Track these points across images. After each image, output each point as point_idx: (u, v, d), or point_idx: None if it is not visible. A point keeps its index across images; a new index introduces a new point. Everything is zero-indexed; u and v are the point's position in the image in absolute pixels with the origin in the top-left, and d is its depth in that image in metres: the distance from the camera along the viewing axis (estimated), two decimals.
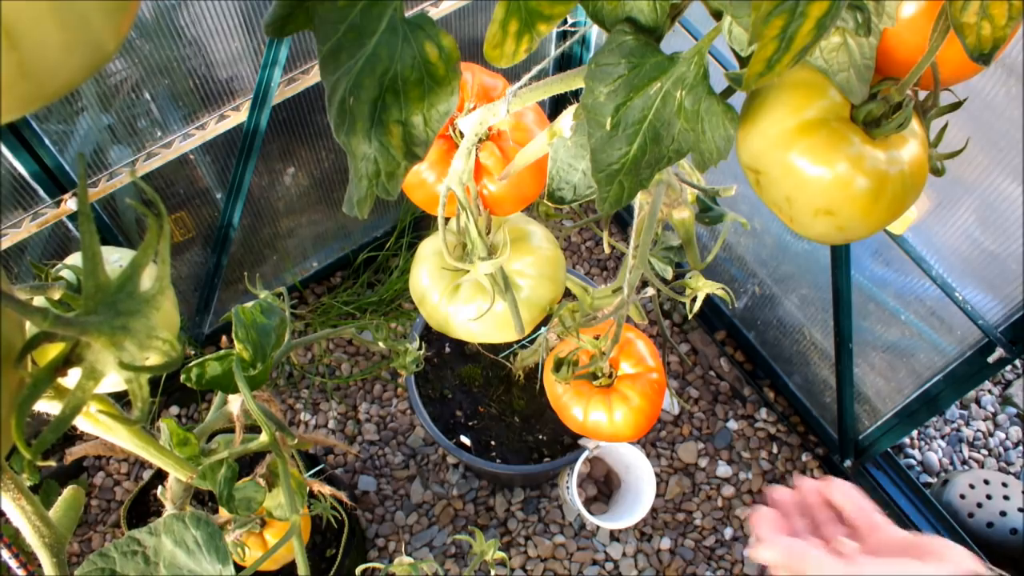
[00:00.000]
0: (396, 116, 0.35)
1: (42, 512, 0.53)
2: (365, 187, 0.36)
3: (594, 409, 0.71)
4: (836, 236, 0.51)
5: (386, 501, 1.67)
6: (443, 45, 0.34)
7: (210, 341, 1.75)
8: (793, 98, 0.48)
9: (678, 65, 0.43)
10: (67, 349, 0.25)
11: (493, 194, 0.64)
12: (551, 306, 0.75)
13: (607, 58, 0.42)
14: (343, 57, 0.33)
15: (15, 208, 1.21)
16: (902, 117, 0.48)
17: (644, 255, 0.67)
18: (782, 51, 0.36)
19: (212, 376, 0.66)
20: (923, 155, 0.50)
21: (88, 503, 1.63)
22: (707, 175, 0.80)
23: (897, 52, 0.47)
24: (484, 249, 0.65)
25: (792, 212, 0.50)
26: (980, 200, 1.19)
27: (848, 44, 0.47)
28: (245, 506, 0.72)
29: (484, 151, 0.63)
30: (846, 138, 0.47)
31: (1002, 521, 1.57)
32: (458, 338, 0.75)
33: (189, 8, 1.16)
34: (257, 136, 1.34)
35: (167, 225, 0.27)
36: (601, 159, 0.44)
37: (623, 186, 0.44)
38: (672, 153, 0.45)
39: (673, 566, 1.62)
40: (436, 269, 0.71)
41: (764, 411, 1.79)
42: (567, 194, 0.55)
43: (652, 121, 0.43)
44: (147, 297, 0.26)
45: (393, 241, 1.87)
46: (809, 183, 0.48)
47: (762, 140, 0.49)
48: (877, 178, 0.47)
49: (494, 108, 0.57)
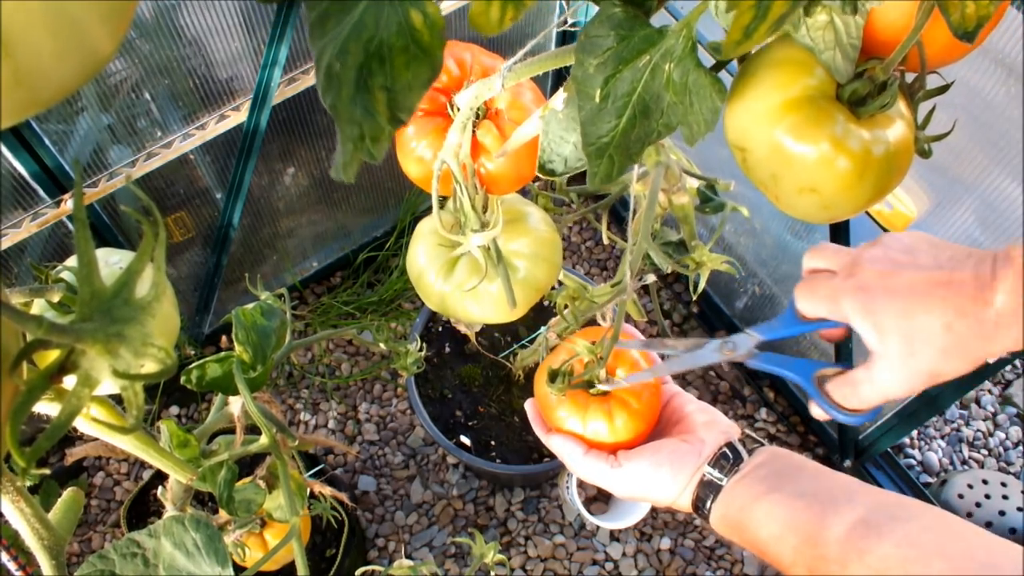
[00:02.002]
0: (381, 82, 0.35)
1: (41, 514, 0.53)
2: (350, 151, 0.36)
3: (593, 418, 0.69)
4: (821, 214, 0.51)
5: (386, 501, 1.67)
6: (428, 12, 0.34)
7: (210, 341, 1.75)
8: (779, 76, 0.48)
9: (667, 38, 0.43)
10: (62, 356, 0.25)
11: (490, 172, 0.65)
12: (547, 288, 0.75)
13: (597, 30, 0.42)
14: (330, 24, 0.34)
15: (15, 208, 1.21)
16: (887, 97, 0.48)
17: (646, 233, 0.67)
18: (759, 19, 0.36)
19: (212, 378, 0.66)
20: (909, 136, 0.50)
21: (88, 503, 1.64)
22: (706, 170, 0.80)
23: (883, 32, 0.47)
24: (477, 222, 0.66)
25: (777, 190, 0.50)
26: (980, 200, 1.19)
27: (835, 23, 0.47)
28: (245, 508, 0.72)
29: (481, 129, 0.63)
30: (831, 116, 0.48)
31: (1001, 521, 1.57)
32: (455, 317, 0.75)
33: (189, 8, 1.16)
34: (257, 136, 1.34)
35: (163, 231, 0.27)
36: (591, 132, 0.44)
37: (613, 160, 0.45)
38: (662, 127, 0.45)
39: (673, 566, 1.62)
40: (433, 247, 0.72)
41: (764, 411, 1.79)
42: (558, 166, 0.55)
43: (641, 94, 0.44)
44: (143, 304, 0.26)
45: (393, 241, 1.87)
46: (793, 160, 0.48)
47: (748, 117, 0.49)
48: (861, 156, 0.48)
49: (490, 82, 0.58)
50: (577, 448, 0.68)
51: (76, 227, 0.26)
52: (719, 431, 0.66)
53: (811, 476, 0.60)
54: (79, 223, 0.26)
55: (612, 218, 1.82)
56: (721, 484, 0.63)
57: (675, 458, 0.65)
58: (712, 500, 0.63)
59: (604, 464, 0.67)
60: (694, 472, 0.64)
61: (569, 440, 0.69)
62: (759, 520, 0.58)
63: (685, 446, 0.65)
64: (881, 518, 0.52)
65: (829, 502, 0.55)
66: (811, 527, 0.55)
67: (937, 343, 0.50)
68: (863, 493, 0.56)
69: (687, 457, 0.64)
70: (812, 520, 0.55)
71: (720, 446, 0.65)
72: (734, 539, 0.62)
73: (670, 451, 0.65)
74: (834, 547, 0.52)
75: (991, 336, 0.48)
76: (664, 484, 0.64)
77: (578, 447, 0.68)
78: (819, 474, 0.60)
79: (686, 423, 0.69)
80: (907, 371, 0.52)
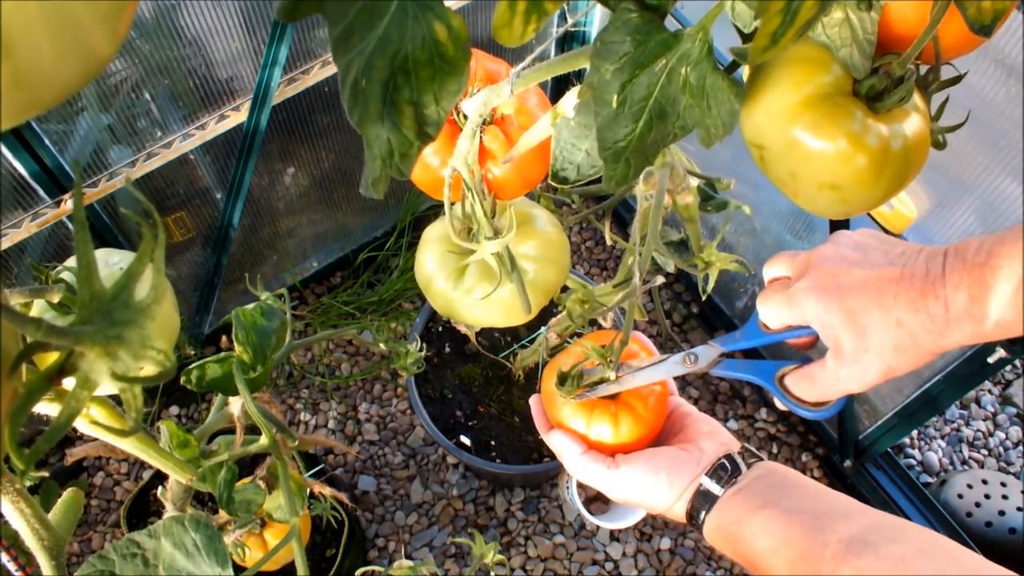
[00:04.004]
0: (408, 97, 0.35)
1: (41, 515, 0.53)
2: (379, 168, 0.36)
3: (598, 421, 0.69)
4: (840, 210, 0.52)
5: (386, 501, 1.67)
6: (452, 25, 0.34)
7: (210, 341, 1.75)
8: (796, 73, 0.49)
9: (683, 42, 0.43)
10: (62, 358, 0.25)
11: (498, 178, 0.64)
12: (556, 290, 0.75)
13: (613, 35, 0.42)
14: (355, 39, 0.33)
15: (15, 208, 1.21)
16: (904, 91, 0.48)
17: (655, 234, 0.67)
18: (786, 24, 0.36)
19: (212, 378, 0.66)
20: (925, 128, 0.50)
21: (88, 503, 1.64)
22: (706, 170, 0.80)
23: (898, 26, 0.47)
24: (490, 229, 0.66)
25: (796, 187, 0.50)
26: (980, 200, 1.19)
27: (850, 19, 0.47)
28: (245, 508, 0.72)
29: (488, 135, 0.63)
30: (849, 112, 0.48)
31: (1001, 520, 1.57)
32: (465, 322, 0.75)
33: (189, 8, 1.16)
34: (257, 136, 1.34)
35: (162, 233, 0.27)
36: (607, 137, 0.44)
37: (630, 164, 0.45)
38: (678, 129, 0.45)
39: (673, 566, 1.62)
40: (442, 253, 0.72)
41: (764, 411, 1.79)
42: (571, 174, 0.55)
43: (658, 98, 0.44)
44: (142, 306, 0.26)
45: (393, 241, 1.87)
46: (813, 157, 0.48)
47: (766, 115, 0.49)
48: (880, 151, 0.48)
49: (498, 89, 0.58)
50: (576, 447, 0.68)
51: (76, 229, 0.26)
52: (719, 443, 0.66)
53: (808, 493, 0.59)
54: (79, 225, 0.26)
55: (613, 219, 1.82)
56: (717, 495, 0.62)
57: (673, 465, 0.64)
58: (707, 511, 0.62)
59: (602, 465, 0.66)
60: (691, 481, 0.63)
61: (569, 438, 0.69)
62: (754, 533, 0.58)
63: (684, 454, 0.65)
64: (877, 538, 0.52)
65: (826, 519, 0.55)
66: (807, 543, 0.54)
67: (889, 338, 0.50)
68: (860, 512, 0.56)
69: (685, 465, 0.64)
70: (808, 536, 0.54)
71: (719, 457, 0.64)
72: (727, 551, 0.61)
73: (668, 458, 0.65)
74: (829, 564, 0.52)
75: (942, 331, 0.49)
76: (660, 490, 0.64)
77: (577, 446, 0.68)
78: (816, 491, 0.59)
79: (687, 432, 0.68)
80: (861, 366, 0.52)
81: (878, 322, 0.51)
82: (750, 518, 0.59)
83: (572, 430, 0.70)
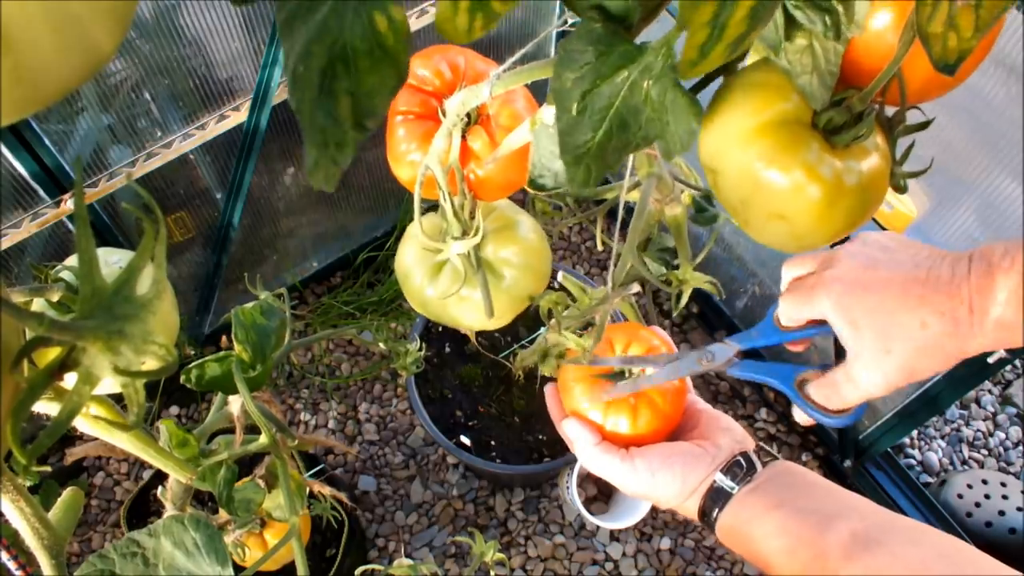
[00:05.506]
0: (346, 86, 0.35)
1: (41, 514, 0.53)
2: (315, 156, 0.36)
3: (615, 412, 0.68)
4: (791, 243, 0.50)
5: (386, 501, 1.67)
6: (392, 16, 0.34)
7: (210, 341, 1.75)
8: (754, 99, 0.47)
9: (646, 55, 0.42)
10: (63, 353, 0.25)
11: (480, 178, 0.64)
12: (532, 297, 0.75)
13: (575, 44, 0.42)
14: (296, 24, 0.33)
15: (15, 208, 1.21)
16: (863, 128, 0.47)
17: (631, 246, 0.67)
18: (715, 39, 0.36)
19: (212, 377, 0.66)
20: (884, 168, 0.49)
21: (88, 503, 1.63)
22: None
23: (864, 61, 0.46)
24: (459, 229, 0.66)
25: (747, 215, 0.49)
26: (980, 200, 1.19)
27: (814, 47, 0.46)
28: (245, 507, 0.72)
29: (472, 135, 0.63)
30: (804, 143, 0.46)
31: (1000, 520, 1.57)
32: (438, 320, 0.75)
33: (189, 8, 1.16)
34: (257, 136, 1.34)
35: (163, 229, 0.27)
36: (568, 142, 0.44)
37: (590, 169, 0.44)
38: (640, 140, 0.45)
39: (673, 566, 1.62)
40: (420, 250, 0.72)
41: (764, 411, 1.79)
42: (548, 182, 0.55)
43: (619, 108, 0.43)
44: (144, 301, 0.26)
45: (393, 241, 1.87)
46: (764, 185, 0.47)
47: (721, 139, 0.48)
48: (833, 185, 0.46)
49: (477, 90, 0.57)
50: (591, 436, 0.67)
51: (77, 224, 0.26)
52: (734, 440, 0.65)
53: (824, 493, 0.59)
54: (80, 220, 0.26)
55: (612, 220, 1.82)
56: (731, 492, 0.62)
57: (687, 460, 0.64)
58: (720, 509, 0.62)
59: (615, 457, 0.66)
60: (705, 477, 0.63)
61: (584, 426, 0.68)
62: (768, 533, 0.57)
63: (699, 450, 0.64)
64: (893, 540, 0.51)
65: (841, 520, 0.54)
66: (821, 544, 0.54)
67: (913, 341, 0.50)
68: (874, 512, 0.55)
69: (700, 461, 0.63)
70: (822, 537, 0.54)
71: (734, 454, 0.64)
72: (737, 550, 0.61)
73: (683, 452, 0.64)
74: (844, 565, 0.52)
75: (967, 335, 0.48)
76: (673, 485, 0.63)
77: (592, 435, 0.67)
78: (832, 491, 0.59)
79: (702, 428, 0.68)
80: (884, 369, 0.52)
81: (902, 323, 0.50)
82: (764, 517, 0.58)
83: (588, 419, 0.69)
